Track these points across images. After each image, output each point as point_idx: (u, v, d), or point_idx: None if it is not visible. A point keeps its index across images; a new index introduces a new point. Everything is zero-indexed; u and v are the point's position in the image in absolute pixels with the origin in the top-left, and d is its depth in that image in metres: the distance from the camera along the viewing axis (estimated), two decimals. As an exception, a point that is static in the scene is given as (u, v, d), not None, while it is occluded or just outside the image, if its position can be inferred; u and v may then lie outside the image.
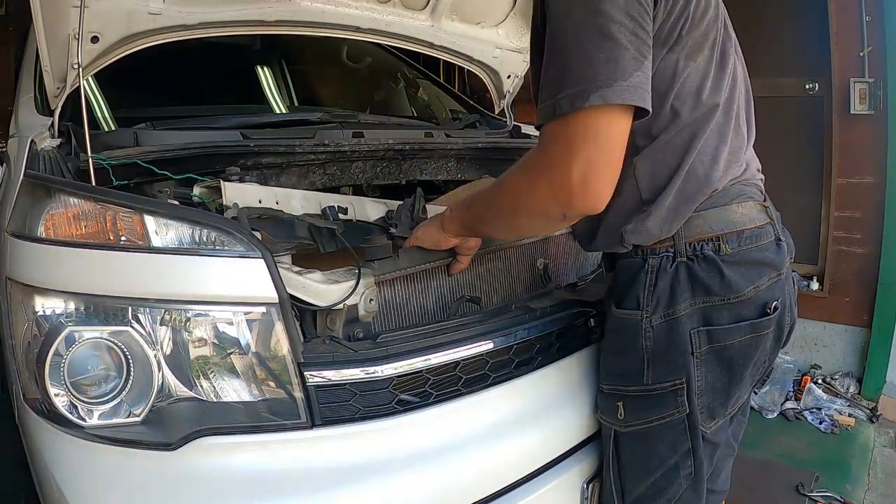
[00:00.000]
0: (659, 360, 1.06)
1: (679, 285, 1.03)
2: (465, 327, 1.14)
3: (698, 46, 0.99)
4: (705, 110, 1.01)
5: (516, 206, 1.02)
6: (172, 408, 0.96)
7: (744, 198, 1.07)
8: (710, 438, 1.10)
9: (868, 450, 2.60)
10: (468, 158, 1.86)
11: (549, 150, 0.92)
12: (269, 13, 1.71)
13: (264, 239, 1.07)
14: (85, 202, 1.02)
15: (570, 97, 0.87)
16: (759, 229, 1.06)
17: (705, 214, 1.03)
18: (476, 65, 2.23)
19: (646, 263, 1.06)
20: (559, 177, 0.90)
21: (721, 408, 1.09)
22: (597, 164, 0.88)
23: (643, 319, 1.05)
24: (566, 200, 0.91)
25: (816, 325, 3.19)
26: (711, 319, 1.03)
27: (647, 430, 1.09)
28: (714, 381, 1.06)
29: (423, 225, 1.22)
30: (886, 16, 2.83)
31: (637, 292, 1.06)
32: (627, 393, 1.11)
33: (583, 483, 1.22)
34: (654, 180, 1.02)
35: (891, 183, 2.89)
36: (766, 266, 1.06)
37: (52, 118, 1.36)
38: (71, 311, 0.97)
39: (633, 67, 0.86)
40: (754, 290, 1.03)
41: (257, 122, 1.72)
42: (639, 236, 1.04)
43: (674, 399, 1.06)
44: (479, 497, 1.08)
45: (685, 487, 1.10)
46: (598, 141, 0.88)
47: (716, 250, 1.02)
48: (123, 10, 1.46)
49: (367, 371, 1.01)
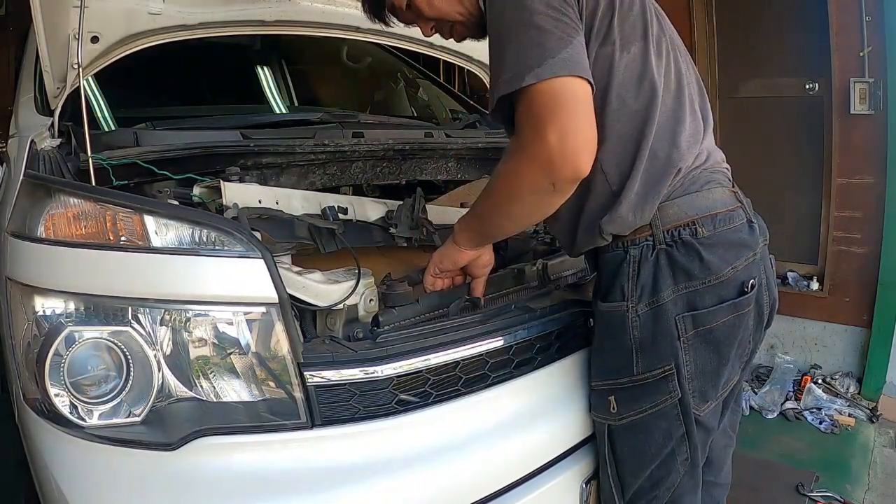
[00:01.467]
0: (647, 348, 1.08)
1: (661, 272, 1.06)
2: (465, 327, 1.14)
3: (630, 38, 1.06)
4: (651, 96, 1.06)
5: (509, 193, 1.06)
6: (172, 408, 0.96)
7: (713, 184, 1.12)
8: (704, 422, 1.12)
9: (868, 450, 2.60)
10: (468, 158, 1.86)
11: (522, 132, 0.99)
12: (269, 13, 1.72)
13: (264, 239, 1.07)
14: (85, 202, 1.02)
15: (506, 81, 0.97)
16: (731, 212, 1.11)
17: (678, 202, 1.07)
18: (476, 65, 2.24)
19: (627, 254, 1.09)
20: (539, 148, 0.95)
21: (712, 390, 1.12)
22: (567, 126, 0.94)
23: (629, 310, 1.08)
24: (549, 167, 0.96)
25: (816, 325, 3.19)
26: (695, 303, 1.06)
27: (640, 421, 1.11)
28: (703, 364, 1.09)
29: (438, 250, 1.25)
30: (886, 16, 2.83)
31: (621, 284, 1.09)
32: (619, 386, 1.13)
33: (581, 482, 1.22)
34: (619, 168, 1.07)
35: (891, 183, 2.89)
36: (742, 247, 1.10)
37: (52, 118, 1.36)
38: (71, 311, 0.97)
39: (560, 46, 0.95)
40: (732, 270, 1.07)
41: (257, 122, 1.72)
42: (614, 225, 1.07)
43: (665, 385, 1.08)
44: (478, 497, 1.08)
45: (682, 474, 1.13)
46: (558, 107, 0.94)
47: (693, 234, 1.07)
48: (123, 10, 1.46)
49: (367, 371, 1.01)
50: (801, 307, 3.19)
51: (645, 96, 1.06)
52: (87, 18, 1.29)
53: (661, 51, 1.10)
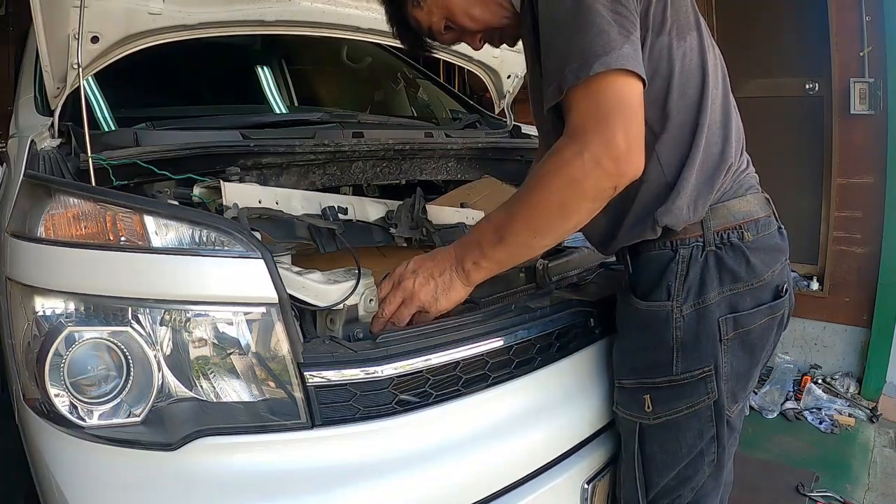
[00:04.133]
0: (689, 349, 1.08)
1: (709, 273, 1.07)
2: (465, 327, 1.14)
3: (685, 28, 1.06)
4: (704, 87, 1.06)
5: (565, 205, 0.98)
6: (172, 408, 0.96)
7: (753, 190, 1.14)
8: (733, 423, 1.14)
9: (868, 450, 2.60)
10: (468, 158, 1.86)
11: (583, 133, 0.93)
12: (269, 13, 1.71)
13: (264, 239, 1.07)
14: (85, 202, 1.02)
15: (573, 70, 0.92)
16: (767, 218, 1.14)
17: (727, 205, 1.09)
18: (476, 65, 2.23)
19: (676, 254, 1.08)
20: (606, 148, 0.91)
21: (742, 391, 1.13)
22: (630, 125, 0.93)
23: (674, 310, 1.08)
24: (616, 169, 0.93)
25: (816, 325, 3.20)
26: (737, 306, 1.07)
27: (674, 421, 1.11)
28: (738, 365, 1.10)
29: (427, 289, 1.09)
30: (886, 16, 2.83)
31: (668, 283, 1.08)
32: (656, 385, 1.12)
33: (583, 483, 1.22)
34: (675, 160, 1.06)
35: (891, 183, 2.89)
36: (778, 251, 1.13)
37: (52, 118, 1.36)
38: (71, 311, 0.97)
39: (621, 41, 0.92)
40: (771, 274, 1.10)
41: (257, 122, 1.72)
42: (671, 217, 1.05)
43: (703, 386, 1.08)
44: (479, 497, 1.08)
45: (708, 475, 1.13)
46: (623, 105, 0.92)
47: (740, 238, 1.08)
48: (123, 10, 1.46)
49: (367, 371, 1.01)
50: (801, 307, 3.16)
51: (700, 87, 1.06)
52: (87, 18, 1.28)
53: (711, 42, 1.11)
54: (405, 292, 1.09)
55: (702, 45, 1.07)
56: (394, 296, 1.10)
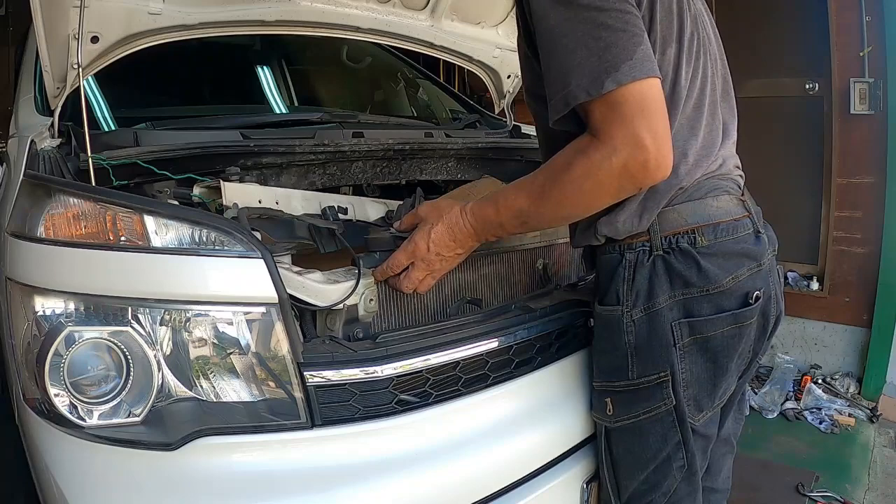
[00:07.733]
0: (642, 353, 1.07)
1: (657, 278, 1.05)
2: (465, 327, 1.14)
3: (667, 39, 1.02)
4: (674, 104, 1.02)
5: (591, 204, 1.00)
6: (172, 408, 0.96)
7: (719, 192, 1.08)
8: (701, 431, 1.11)
9: (868, 450, 2.60)
10: (468, 158, 1.86)
11: (610, 138, 0.91)
12: (269, 13, 1.71)
13: (264, 239, 1.07)
14: (85, 202, 1.02)
15: (583, 87, 0.90)
16: (735, 222, 1.08)
17: (679, 208, 1.05)
18: (476, 65, 2.23)
19: (623, 259, 1.08)
20: (634, 153, 0.90)
21: (708, 399, 1.10)
22: (658, 126, 0.91)
23: (624, 314, 1.07)
24: (643, 172, 0.91)
25: (816, 325, 3.20)
26: (692, 311, 1.05)
27: (636, 425, 1.10)
28: (699, 372, 1.07)
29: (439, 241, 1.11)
30: (886, 16, 2.83)
31: (617, 288, 1.08)
32: (615, 388, 1.12)
33: (582, 483, 1.22)
34: None
35: (891, 183, 2.89)
36: (745, 257, 1.07)
37: (52, 118, 1.36)
38: (71, 311, 0.97)
39: (634, 45, 0.90)
40: (732, 280, 1.05)
41: (257, 122, 1.72)
42: (610, 228, 1.05)
43: (660, 392, 1.07)
44: (479, 497, 1.08)
45: (679, 480, 1.11)
46: (645, 107, 0.90)
47: (691, 243, 1.04)
48: (123, 10, 1.46)
49: (367, 371, 1.01)
50: (801, 307, 3.19)
51: (669, 104, 1.01)
52: (87, 18, 1.28)
53: (692, 54, 1.06)
54: (424, 262, 1.12)
55: (678, 60, 1.03)
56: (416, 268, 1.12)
